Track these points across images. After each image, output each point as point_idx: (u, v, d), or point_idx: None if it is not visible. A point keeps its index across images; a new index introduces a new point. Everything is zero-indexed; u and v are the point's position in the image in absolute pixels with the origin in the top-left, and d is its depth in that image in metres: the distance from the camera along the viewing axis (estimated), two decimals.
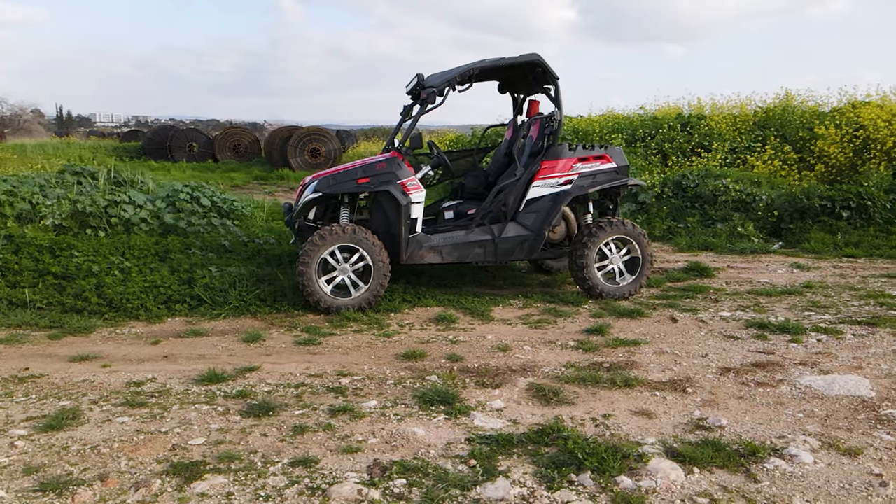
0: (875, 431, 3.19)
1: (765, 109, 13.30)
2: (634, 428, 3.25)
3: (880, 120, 10.29)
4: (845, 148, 10.40)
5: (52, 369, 4.22)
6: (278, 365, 4.29)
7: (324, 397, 3.72)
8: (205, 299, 5.60)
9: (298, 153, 22.72)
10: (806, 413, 3.42)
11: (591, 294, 5.83)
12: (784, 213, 9.00)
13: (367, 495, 2.59)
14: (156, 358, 4.47)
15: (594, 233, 5.79)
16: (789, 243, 8.53)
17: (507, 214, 5.80)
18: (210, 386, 3.89)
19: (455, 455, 2.97)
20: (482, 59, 5.77)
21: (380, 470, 2.82)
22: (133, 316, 5.39)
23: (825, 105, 13.25)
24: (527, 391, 3.77)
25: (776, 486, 2.67)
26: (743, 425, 3.27)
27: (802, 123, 12.06)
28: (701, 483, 2.69)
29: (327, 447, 3.06)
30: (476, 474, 2.76)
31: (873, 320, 5.04)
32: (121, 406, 3.56)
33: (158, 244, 6.73)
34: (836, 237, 8.36)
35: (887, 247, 8.00)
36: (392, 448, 3.06)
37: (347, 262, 5.48)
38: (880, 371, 3.99)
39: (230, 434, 3.21)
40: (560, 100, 5.88)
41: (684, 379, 3.92)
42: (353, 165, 5.71)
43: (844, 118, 11.10)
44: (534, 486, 2.66)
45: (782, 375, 3.96)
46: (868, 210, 8.64)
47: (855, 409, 3.46)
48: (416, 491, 2.64)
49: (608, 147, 5.97)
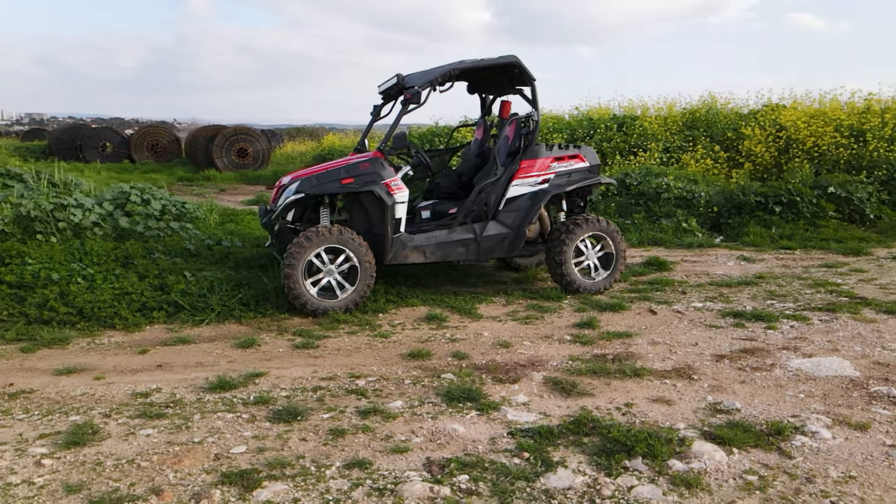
0: (872, 407, 3.49)
1: (690, 111, 14.03)
2: (659, 415, 3.42)
3: (800, 122, 11.09)
4: (770, 147, 11.15)
5: (39, 384, 3.98)
6: (284, 370, 4.22)
7: (345, 399, 3.69)
8: (183, 305, 5.40)
9: (225, 153, 22.01)
10: (806, 393, 3.70)
11: (569, 289, 6.02)
12: (722, 209, 9.56)
13: (439, 492, 2.62)
14: (150, 368, 4.29)
15: (571, 230, 5.98)
16: (729, 237, 9.07)
17: (488, 213, 5.90)
18: (223, 393, 3.78)
19: (504, 449, 3.04)
20: (461, 60, 5.84)
21: (438, 467, 2.85)
22: (108, 325, 5.14)
23: (745, 107, 14.13)
24: (544, 385, 3.88)
25: (809, 460, 2.89)
26: (755, 407, 3.51)
27: (727, 124, 12.82)
28: (743, 462, 2.87)
29: (374, 448, 3.06)
30: (534, 466, 2.84)
31: (831, 307, 5.46)
32: (138, 418, 3.41)
33: (117, 249, 6.42)
34: (771, 231, 8.96)
35: (817, 239, 8.65)
36: (439, 446, 3.09)
37: (333, 264, 5.43)
38: (855, 353, 4.35)
39: (268, 441, 3.15)
40: (537, 100, 6.04)
41: (685, 367, 4.14)
42: (335, 165, 5.66)
43: (767, 120, 11.87)
44: (594, 474, 2.77)
45: (772, 360, 4.25)
46: (797, 205, 9.30)
47: (846, 387, 3.77)
48: (483, 486, 2.69)
49: (581, 147, 6.18)
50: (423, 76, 5.78)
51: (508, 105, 6.60)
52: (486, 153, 6.70)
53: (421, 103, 5.59)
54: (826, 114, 11.25)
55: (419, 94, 5.52)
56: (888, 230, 9.13)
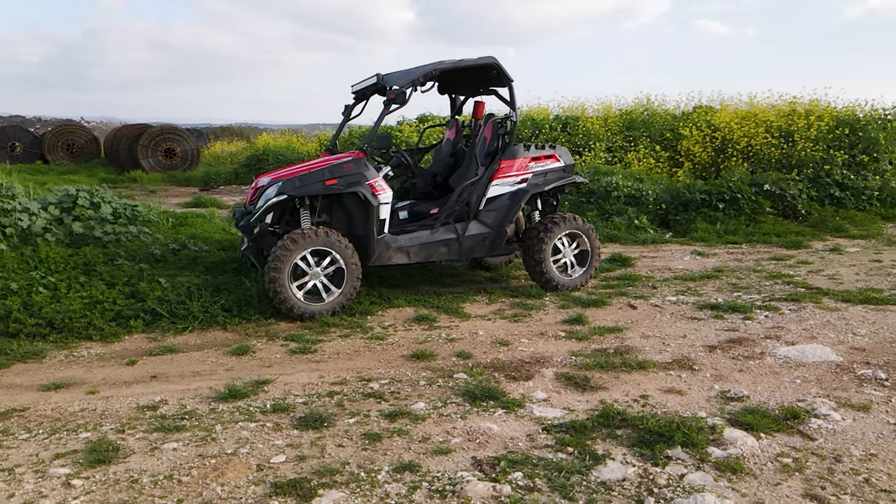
0: (864, 389, 3.75)
1: (628, 112, 14.54)
2: (677, 405, 3.56)
3: (733, 123, 11.70)
4: (707, 148, 11.71)
5: (27, 401, 3.73)
6: (289, 376, 4.12)
7: (365, 403, 3.65)
8: (162, 313, 5.17)
9: (151, 154, 21.10)
10: (802, 379, 3.93)
11: (548, 287, 6.14)
12: (670, 206, 9.98)
13: (501, 491, 2.64)
14: (143, 379, 4.10)
15: (550, 228, 6.10)
16: (678, 233, 9.47)
17: (469, 213, 5.94)
18: (236, 403, 3.66)
19: (545, 445, 3.09)
20: (441, 61, 5.86)
21: (489, 466, 2.87)
22: (82, 336, 4.87)
23: (676, 109, 14.77)
24: (557, 380, 3.96)
25: (830, 441, 3.09)
26: (761, 394, 3.70)
27: (664, 125, 13.36)
28: (773, 446, 3.04)
29: (415, 451, 3.05)
30: (582, 460, 2.91)
31: (794, 297, 5.82)
32: (156, 433, 3.26)
33: (75, 256, 6.08)
34: (716, 226, 9.42)
35: (759, 233, 9.16)
36: (480, 445, 3.11)
37: (319, 267, 5.33)
38: (831, 339, 4.65)
39: (304, 449, 3.08)
40: (514, 100, 6.13)
41: (683, 358, 4.32)
42: (318, 166, 5.56)
43: (701, 121, 12.46)
44: (641, 464, 2.86)
45: (759, 349, 4.49)
46: (738, 202, 9.82)
47: (835, 372, 4.04)
48: (539, 482, 2.73)
49: (556, 147, 6.32)
50: (404, 76, 5.76)
51: (482, 106, 6.67)
52: (459, 153, 6.74)
53: (405, 103, 5.57)
54: (756, 116, 11.92)
55: (404, 94, 5.50)
56: (819, 224, 9.77)
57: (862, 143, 11.31)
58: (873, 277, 6.65)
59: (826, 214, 10.02)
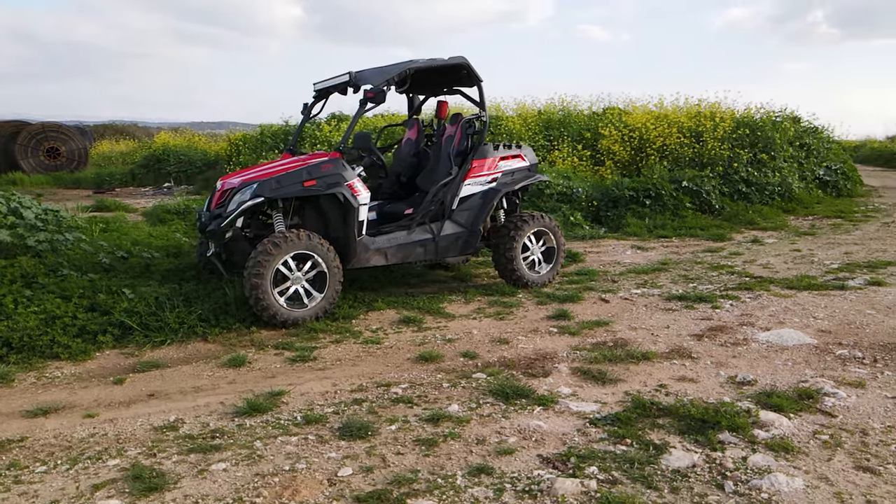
0: (849, 367, 4.11)
1: (544, 112, 14.99)
2: (697, 392, 3.74)
3: (649, 123, 12.36)
4: (626, 147, 12.30)
5: (19, 430, 3.37)
6: (300, 385, 3.96)
7: (397, 409, 3.57)
8: (133, 326, 4.80)
9: (31, 153, 19.41)
10: (792, 361, 4.24)
11: (518, 284, 6.24)
12: (601, 203, 10.40)
13: (589, 486, 2.68)
14: (141, 398, 3.81)
15: (519, 227, 6.20)
16: (611, 228, 9.90)
17: (444, 213, 5.93)
18: (261, 417, 3.48)
19: (600, 438, 3.16)
20: (412, 60, 5.80)
21: (560, 463, 2.90)
22: (47, 355, 4.46)
23: (587, 110, 15.39)
24: (574, 375, 4.05)
25: (849, 417, 3.36)
26: (764, 377, 3.96)
27: (582, 125, 13.89)
28: (804, 425, 3.27)
29: (478, 453, 3.03)
30: (645, 450, 3.00)
31: (745, 286, 6.25)
32: (192, 454, 3.04)
33: (11, 268, 5.52)
34: (645, 221, 9.93)
35: (684, 227, 9.76)
36: (538, 443, 3.13)
37: (300, 271, 5.15)
38: (798, 323, 5.04)
39: (363, 459, 2.98)
40: (484, 100, 6.17)
41: (678, 348, 4.54)
42: (293, 166, 5.35)
43: (617, 122, 13.06)
44: (700, 450, 2.99)
45: (741, 335, 4.79)
46: (662, 198, 10.41)
47: (817, 354, 4.39)
48: (616, 474, 2.79)
49: (522, 146, 6.43)
50: (379, 74, 5.65)
51: (445, 105, 6.67)
52: (422, 153, 6.71)
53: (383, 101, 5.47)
54: (668, 117, 12.66)
55: (384, 94, 5.40)
56: (733, 218, 10.54)
57: (761, 143, 12.30)
58: (800, 265, 7.26)
59: (738, 209, 10.82)
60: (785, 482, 2.68)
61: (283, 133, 16.85)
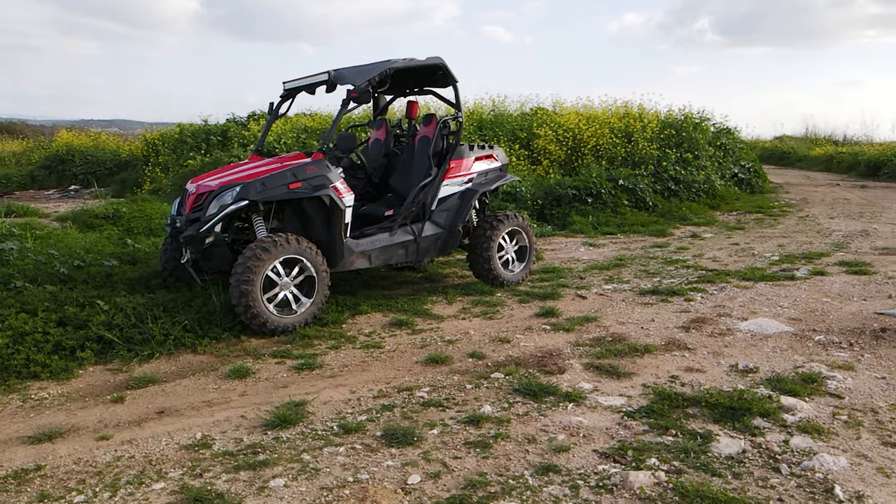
0: (832, 352, 4.43)
1: (476, 111, 15.14)
2: (709, 381, 3.92)
3: (581, 124, 12.77)
4: (562, 147, 12.64)
5: (27, 457, 3.10)
6: (317, 394, 3.84)
7: (430, 413, 3.54)
8: (114, 340, 4.49)
9: None
10: (780, 349, 4.52)
11: (495, 283, 6.30)
12: (545, 201, 10.65)
13: (659, 477, 2.75)
14: (150, 416, 3.59)
15: (495, 226, 6.26)
16: (558, 226, 10.15)
17: (425, 214, 5.90)
18: (294, 429, 3.35)
19: (644, 430, 3.25)
20: (388, 60, 5.72)
21: (619, 456, 2.97)
22: (24, 375, 4.11)
23: (517, 111, 15.69)
24: (587, 371, 4.14)
25: (855, 398, 3.63)
26: (763, 365, 4.20)
27: (515, 125, 14.14)
28: (820, 407, 3.50)
29: (536, 452, 3.05)
30: (692, 439, 3.11)
31: (706, 279, 6.58)
32: (243, 471, 2.89)
33: None
34: (589, 219, 10.26)
35: (626, 224, 10.15)
36: (586, 439, 3.19)
37: (289, 276, 4.98)
38: (769, 313, 5.37)
39: (423, 465, 2.93)
40: (459, 100, 6.18)
41: (672, 340, 4.73)
42: (278, 168, 5.16)
43: (553, 122, 13.40)
44: (743, 436, 3.14)
45: (723, 326, 5.06)
46: (602, 196, 10.79)
47: (798, 340, 4.69)
48: (676, 464, 2.89)
49: (494, 147, 6.49)
50: (359, 74, 5.54)
51: (416, 105, 6.63)
52: (391, 154, 6.64)
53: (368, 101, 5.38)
54: (599, 117, 13.12)
55: (369, 94, 5.31)
56: (667, 214, 11.07)
57: (685, 143, 12.97)
58: (745, 258, 7.74)
59: (671, 206, 11.38)
60: (832, 461, 2.87)
61: (203, 133, 16.14)
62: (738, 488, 2.69)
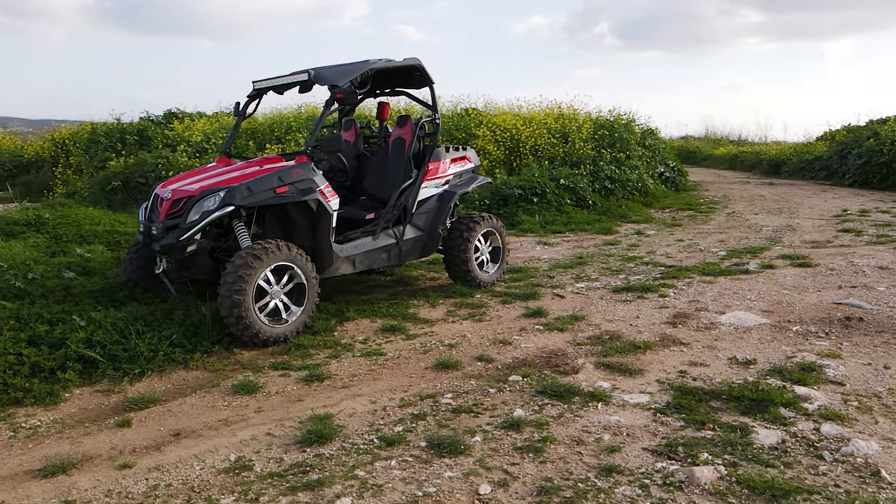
0: (813, 342, 4.70)
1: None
2: (717, 374, 4.07)
3: (519, 124, 12.97)
4: (500, 147, 12.79)
5: (46, 493, 2.83)
6: (335, 406, 3.72)
7: (465, 420, 3.49)
8: (97, 359, 4.15)
9: None
10: (765, 340, 4.76)
11: (472, 284, 6.29)
12: (492, 201, 10.74)
13: (721, 471, 2.84)
14: (167, 440, 3.36)
15: (471, 228, 6.25)
16: (507, 226, 10.22)
17: (406, 217, 5.81)
18: (332, 445, 3.23)
19: (680, 426, 3.34)
20: (366, 60, 5.59)
21: (671, 452, 3.04)
22: (6, 402, 3.76)
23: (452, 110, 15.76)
24: (598, 370, 4.21)
25: (854, 384, 3.87)
26: (758, 356, 4.40)
27: (449, 125, 14.18)
28: (830, 395, 3.71)
29: (590, 454, 3.07)
30: (732, 432, 3.22)
31: (670, 275, 6.84)
32: (301, 492, 2.75)
33: None
34: (535, 218, 10.44)
35: (572, 222, 10.40)
36: (631, 437, 3.24)
37: (279, 284, 4.79)
38: (743, 306, 5.65)
39: (485, 474, 2.89)
40: (436, 101, 6.12)
41: (665, 336, 4.87)
42: (259, 171, 4.93)
43: (491, 122, 13.53)
44: (778, 427, 3.28)
45: (705, 320, 5.27)
46: (547, 196, 11.00)
47: (779, 331, 4.96)
48: (728, 458, 2.98)
49: (467, 148, 6.48)
50: (340, 74, 5.37)
51: (387, 107, 6.52)
52: (361, 156, 6.50)
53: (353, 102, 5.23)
54: (534, 118, 13.37)
55: (355, 95, 5.17)
56: (607, 212, 11.43)
57: (618, 143, 13.44)
58: (694, 254, 8.11)
59: (609, 204, 11.75)
60: (865, 446, 3.05)
61: (118, 132, 15.21)
62: (794, 477, 2.81)
